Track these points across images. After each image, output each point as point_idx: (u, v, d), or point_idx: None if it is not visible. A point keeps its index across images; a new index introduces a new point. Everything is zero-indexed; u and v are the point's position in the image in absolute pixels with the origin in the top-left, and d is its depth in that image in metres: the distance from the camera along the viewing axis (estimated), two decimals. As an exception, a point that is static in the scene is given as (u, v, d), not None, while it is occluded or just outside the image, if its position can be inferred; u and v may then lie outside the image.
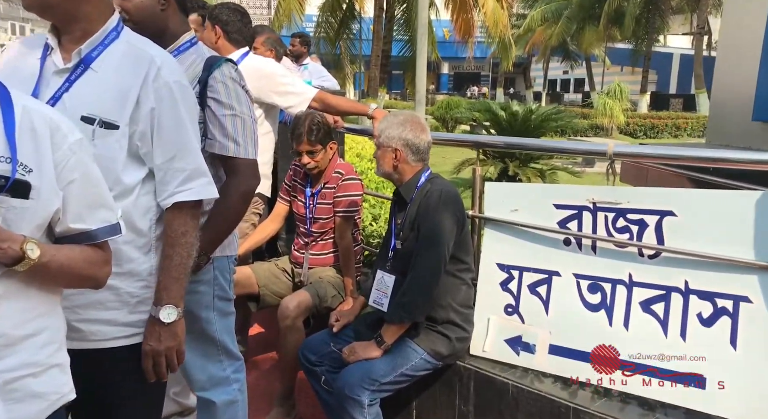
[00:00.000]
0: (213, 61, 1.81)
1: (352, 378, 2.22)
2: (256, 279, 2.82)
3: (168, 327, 1.48)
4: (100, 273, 1.26)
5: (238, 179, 1.82)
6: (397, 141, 2.35)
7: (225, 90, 1.80)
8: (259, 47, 4.26)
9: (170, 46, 1.80)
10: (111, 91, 1.38)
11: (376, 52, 15.59)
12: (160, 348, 1.47)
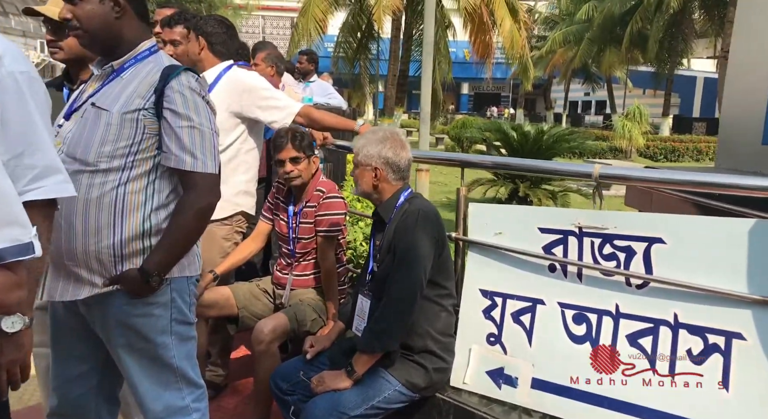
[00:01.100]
0: (170, 71, 1.72)
1: (319, 410, 2.10)
2: (235, 301, 2.72)
3: (11, 338, 1.30)
4: (7, 298, 1.15)
5: (195, 195, 1.72)
6: (376, 159, 2.24)
7: (182, 100, 1.70)
8: (260, 63, 4.25)
9: (127, 54, 1.74)
10: None
11: (393, 71, 15.63)
12: (1, 361, 1.31)
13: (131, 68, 1.74)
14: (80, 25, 1.65)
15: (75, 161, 1.65)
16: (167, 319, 1.80)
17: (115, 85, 1.72)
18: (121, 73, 1.73)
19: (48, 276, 1.75)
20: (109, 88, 1.71)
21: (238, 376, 3.27)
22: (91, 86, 1.78)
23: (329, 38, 21.73)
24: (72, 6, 1.66)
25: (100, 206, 1.66)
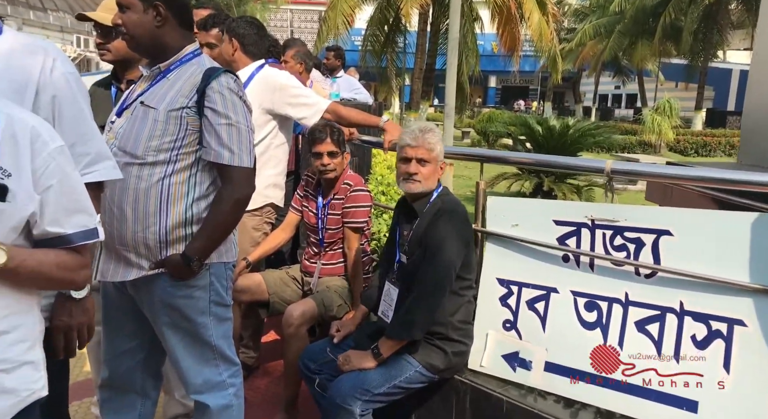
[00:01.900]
0: (211, 72, 1.88)
1: (345, 387, 2.26)
2: (266, 287, 2.90)
3: (79, 303, 1.52)
4: (76, 277, 1.32)
5: (232, 187, 1.88)
6: (442, 154, 2.37)
7: (221, 100, 1.86)
8: (290, 60, 4.40)
9: (172, 57, 1.90)
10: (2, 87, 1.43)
11: (419, 65, 15.68)
12: (72, 323, 1.51)
13: (176, 70, 1.90)
14: (127, 32, 1.83)
15: (126, 154, 1.83)
16: (206, 301, 1.97)
17: (162, 85, 1.89)
18: (167, 75, 1.90)
19: (101, 259, 1.93)
20: (157, 88, 1.88)
21: (268, 358, 3.45)
22: (140, 86, 1.95)
23: (356, 32, 21.85)
24: (122, 14, 1.84)
25: (148, 196, 1.83)
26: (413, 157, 2.31)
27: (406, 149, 2.33)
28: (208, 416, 2.08)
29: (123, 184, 1.81)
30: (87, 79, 1.86)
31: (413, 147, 2.31)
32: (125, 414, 2.12)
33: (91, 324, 1.56)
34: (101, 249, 1.92)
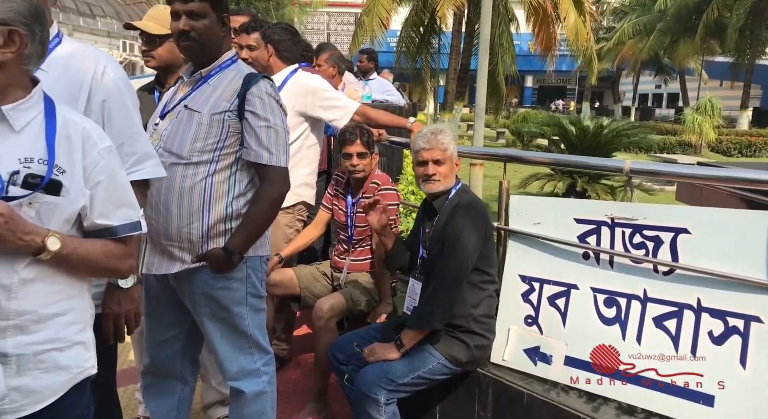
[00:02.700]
0: (251, 78, 2.02)
1: (370, 377, 2.36)
2: (297, 281, 3.03)
3: (127, 292, 1.66)
4: (121, 265, 1.46)
5: (270, 185, 2.03)
6: (455, 152, 2.48)
7: (261, 104, 1.99)
8: (323, 64, 4.55)
9: (213, 64, 2.04)
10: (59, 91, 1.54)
11: (453, 66, 15.69)
12: (120, 310, 1.65)
13: (217, 75, 2.03)
14: (197, 37, 1.94)
15: (171, 155, 1.96)
16: (243, 292, 2.10)
17: (204, 90, 2.02)
18: (208, 80, 2.03)
19: (147, 253, 2.08)
20: (199, 92, 2.02)
21: (300, 351, 3.58)
22: (182, 90, 2.08)
23: (392, 33, 21.97)
24: (192, 21, 1.94)
25: (192, 194, 1.97)
26: (429, 159, 2.41)
27: (421, 153, 2.43)
28: (243, 402, 2.20)
29: (169, 182, 1.94)
30: (134, 82, 2.01)
31: (428, 149, 2.41)
32: (166, 399, 2.27)
33: (138, 312, 1.70)
34: (147, 244, 2.05)
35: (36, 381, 1.30)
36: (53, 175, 1.29)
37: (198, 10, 1.93)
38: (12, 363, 1.27)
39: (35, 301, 1.29)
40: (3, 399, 1.26)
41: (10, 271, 1.26)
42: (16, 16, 1.26)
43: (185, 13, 1.93)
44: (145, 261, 2.07)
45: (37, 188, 1.27)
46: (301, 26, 27.41)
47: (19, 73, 1.31)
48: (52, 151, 1.30)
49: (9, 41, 1.26)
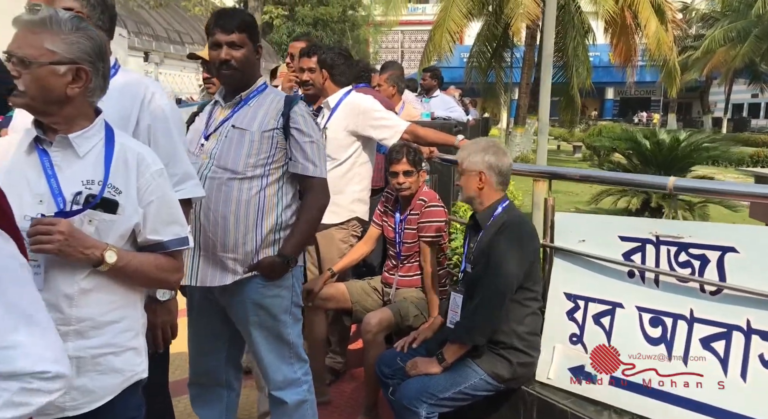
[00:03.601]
0: (291, 99, 2.21)
1: (411, 390, 2.41)
2: (349, 296, 3.12)
3: (164, 305, 1.79)
4: (170, 277, 1.60)
5: (316, 195, 2.21)
6: (481, 164, 2.51)
7: (304, 121, 2.18)
8: (383, 84, 4.69)
9: (250, 88, 2.20)
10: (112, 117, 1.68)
11: (526, 80, 15.51)
12: (156, 321, 1.77)
13: (255, 98, 2.21)
14: (236, 66, 2.12)
15: (226, 171, 2.12)
16: (289, 300, 2.24)
17: (246, 111, 2.18)
18: (248, 102, 2.20)
19: (200, 267, 2.19)
20: (241, 114, 2.18)
21: (354, 364, 3.66)
22: (221, 113, 2.22)
23: (464, 48, 21.97)
24: (232, 51, 2.11)
25: (248, 206, 2.13)
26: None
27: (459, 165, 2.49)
28: (286, 411, 2.30)
29: (226, 196, 2.10)
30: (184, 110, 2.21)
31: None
32: (214, 406, 2.39)
33: (174, 324, 1.84)
34: (200, 258, 2.18)
35: (93, 381, 1.44)
36: (111, 195, 1.44)
37: (238, 40, 2.10)
38: (73, 365, 1.40)
39: (93, 309, 1.44)
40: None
41: (72, 282, 1.41)
42: (83, 55, 1.43)
43: (226, 43, 2.10)
44: (199, 275, 2.19)
45: (90, 205, 1.42)
46: (376, 45, 27.98)
47: (84, 104, 1.47)
48: (107, 173, 1.45)
49: (77, 77, 1.42)
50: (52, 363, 1.06)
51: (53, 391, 1.06)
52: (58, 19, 1.42)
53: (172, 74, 15.05)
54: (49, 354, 1.06)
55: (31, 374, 1.02)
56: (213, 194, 2.08)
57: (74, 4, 1.71)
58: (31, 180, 1.42)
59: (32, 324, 1.05)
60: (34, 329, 1.05)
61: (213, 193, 2.08)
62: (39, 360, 1.03)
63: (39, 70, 1.37)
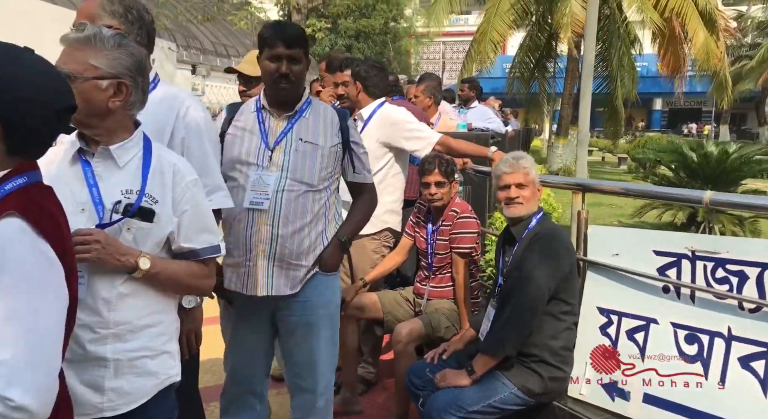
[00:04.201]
0: (343, 113, 2.33)
1: (441, 402, 2.40)
2: (381, 306, 3.14)
3: (189, 312, 1.82)
4: (202, 284, 1.65)
5: (371, 195, 2.43)
6: (538, 180, 2.53)
7: (356, 134, 2.38)
8: (419, 95, 4.72)
9: (302, 100, 2.26)
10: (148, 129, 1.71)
11: (569, 90, 15.29)
12: (182, 328, 1.76)
13: (308, 109, 2.26)
14: (294, 80, 2.18)
15: (302, 184, 2.17)
16: (338, 296, 2.40)
17: (305, 123, 2.24)
18: (302, 114, 2.25)
19: (274, 275, 2.18)
20: (302, 125, 2.23)
21: (387, 375, 3.66)
22: (278, 125, 2.24)
23: (506, 59, 21.82)
24: (292, 65, 2.16)
25: (320, 215, 2.22)
26: (511, 183, 2.44)
27: (503, 177, 2.46)
28: (319, 413, 2.34)
29: (303, 208, 2.17)
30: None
31: (509, 173, 2.45)
32: (246, 415, 2.40)
33: (198, 331, 1.88)
34: (274, 268, 2.18)
35: (129, 383, 1.49)
36: (148, 204, 1.50)
37: (297, 55, 2.17)
38: (110, 367, 1.47)
39: (130, 313, 1.49)
40: None
41: (110, 287, 1.47)
42: (124, 70, 1.50)
43: (287, 57, 2.14)
44: (274, 285, 2.18)
45: (129, 214, 1.48)
46: (417, 57, 28.05)
47: (125, 117, 1.54)
48: (144, 183, 1.51)
49: (117, 91, 1.49)
50: (23, 392, 1.03)
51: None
52: (101, 37, 1.49)
53: (218, 86, 15.46)
54: (27, 383, 1.04)
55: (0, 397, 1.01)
56: (291, 206, 2.14)
57: (113, 22, 1.78)
58: (75, 189, 1.49)
59: (29, 348, 1.05)
60: (27, 354, 1.05)
61: (290, 205, 2.14)
62: (11, 386, 1.02)
63: (83, 85, 1.44)
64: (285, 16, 17.98)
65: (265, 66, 2.19)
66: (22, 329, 1.05)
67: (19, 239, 1.08)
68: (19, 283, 1.07)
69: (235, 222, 2.16)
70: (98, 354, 1.45)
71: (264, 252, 2.15)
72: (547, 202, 4.63)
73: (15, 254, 1.07)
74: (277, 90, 2.20)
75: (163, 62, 10.09)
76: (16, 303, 1.06)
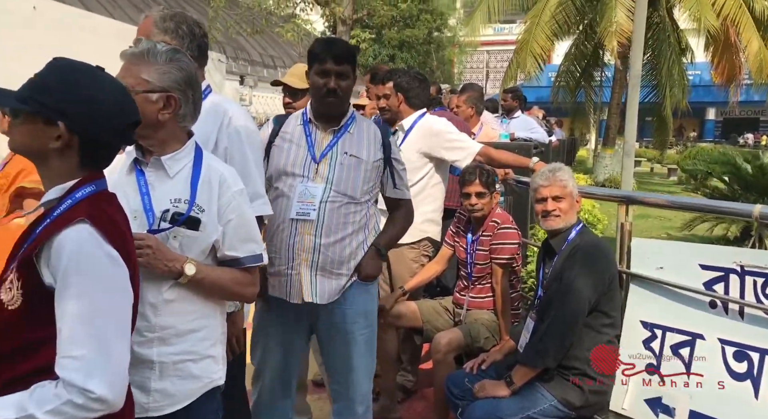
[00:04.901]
0: (385, 129, 2.39)
1: (479, 412, 2.40)
2: (420, 315, 3.15)
3: (230, 317, 1.84)
4: (245, 291, 1.69)
5: (408, 210, 2.48)
6: (576, 191, 2.52)
7: (396, 150, 2.42)
8: (461, 105, 4.74)
9: (348, 114, 2.32)
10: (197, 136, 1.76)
11: (616, 99, 14.98)
12: None
13: (352, 124, 2.33)
14: (342, 95, 2.24)
15: (345, 196, 2.24)
16: (376, 307, 2.44)
17: (350, 138, 2.30)
18: (347, 128, 2.31)
19: (318, 283, 2.23)
20: (347, 140, 2.29)
21: (426, 384, 3.66)
22: (324, 138, 2.29)
23: (552, 68, 21.53)
24: (341, 81, 2.22)
25: (360, 226, 2.29)
26: (548, 196, 2.43)
27: (540, 190, 2.46)
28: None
29: (345, 219, 2.23)
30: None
31: (546, 186, 2.43)
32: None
33: (239, 335, 1.93)
34: (317, 276, 2.23)
35: (174, 385, 1.55)
36: (195, 213, 1.56)
37: (345, 72, 2.22)
38: (156, 369, 1.53)
39: (175, 318, 1.55)
40: None
41: (157, 292, 1.54)
42: (173, 84, 1.57)
43: (336, 73, 2.20)
44: (318, 292, 2.23)
45: (177, 223, 1.54)
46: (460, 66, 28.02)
47: (176, 129, 1.60)
48: (194, 193, 1.57)
49: (167, 104, 1.56)
50: (101, 384, 1.12)
51: (95, 411, 1.13)
52: (154, 52, 1.56)
53: (265, 96, 15.80)
54: (103, 376, 1.13)
55: (81, 389, 1.11)
56: (333, 217, 2.20)
57: (165, 38, 1.86)
58: (129, 197, 1.56)
59: (102, 344, 1.14)
60: (102, 350, 1.14)
61: (333, 216, 2.20)
62: (89, 378, 1.12)
63: (136, 98, 1.51)
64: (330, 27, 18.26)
65: (314, 81, 2.24)
66: (95, 327, 1.14)
67: (89, 243, 1.16)
68: (92, 284, 1.15)
69: (278, 230, 2.22)
70: (145, 356, 1.51)
71: (307, 261, 2.19)
72: (592, 213, 4.55)
73: (87, 257, 1.16)
74: (325, 104, 2.26)
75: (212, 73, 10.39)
76: (90, 303, 1.14)
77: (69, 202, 1.20)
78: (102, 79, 1.28)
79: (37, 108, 1.19)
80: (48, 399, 1.10)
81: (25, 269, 1.16)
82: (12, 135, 1.25)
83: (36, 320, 1.15)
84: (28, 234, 1.22)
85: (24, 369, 1.15)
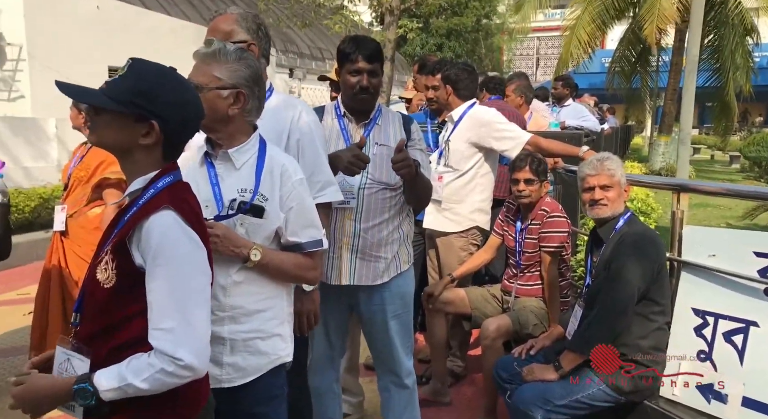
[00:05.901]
0: (407, 118, 2.46)
1: (527, 395, 2.46)
2: (468, 302, 3.21)
3: (309, 295, 1.98)
4: (307, 274, 1.80)
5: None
6: (624, 180, 2.53)
7: (421, 136, 2.52)
8: (510, 94, 4.76)
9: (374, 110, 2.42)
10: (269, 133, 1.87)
11: (673, 85, 14.45)
12: (302, 309, 1.97)
13: (379, 117, 2.44)
14: (373, 92, 2.35)
15: (381, 183, 2.36)
16: (412, 287, 2.54)
17: (377, 129, 2.42)
18: (375, 121, 2.43)
19: (357, 266, 2.37)
20: (377, 133, 2.42)
21: (476, 370, 3.73)
22: (357, 131, 2.43)
23: (606, 53, 20.92)
24: (372, 78, 2.33)
25: (395, 212, 2.41)
26: (596, 185, 2.45)
27: (587, 179, 2.48)
28: (405, 396, 2.52)
29: (382, 204, 2.37)
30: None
31: (593, 175, 2.45)
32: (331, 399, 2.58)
33: (316, 312, 2.05)
34: (357, 260, 2.37)
35: (244, 360, 1.68)
36: (259, 202, 1.67)
37: (376, 69, 2.33)
38: (227, 345, 1.67)
39: (244, 299, 1.67)
40: None
41: (226, 275, 1.66)
42: (242, 81, 1.68)
43: (367, 71, 2.31)
44: (356, 275, 2.37)
45: (242, 210, 1.66)
46: (509, 53, 27.60)
47: (243, 123, 1.72)
48: (258, 183, 1.69)
49: (236, 100, 1.68)
50: (188, 353, 1.24)
51: (183, 377, 1.26)
52: (225, 51, 1.68)
53: (312, 88, 16.03)
54: (191, 346, 1.25)
55: (171, 358, 1.23)
56: (372, 203, 2.34)
57: (246, 37, 1.99)
58: (201, 188, 1.67)
59: (188, 318, 1.27)
60: (188, 322, 1.26)
61: (372, 202, 2.34)
62: (179, 348, 1.23)
63: (208, 94, 1.64)
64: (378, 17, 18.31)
65: (346, 79, 2.35)
66: (181, 302, 1.27)
67: (174, 228, 1.29)
68: (177, 264, 1.27)
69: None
70: (217, 333, 1.63)
71: (348, 245, 2.33)
72: (645, 202, 4.47)
73: (172, 240, 1.28)
74: (358, 101, 2.37)
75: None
76: (176, 281, 1.27)
77: (152, 191, 1.33)
78: (183, 81, 1.39)
79: (136, 110, 1.30)
80: (143, 369, 1.23)
81: (119, 252, 1.29)
82: (96, 131, 1.37)
83: (129, 296, 1.28)
84: (117, 221, 1.36)
85: (122, 339, 1.29)
